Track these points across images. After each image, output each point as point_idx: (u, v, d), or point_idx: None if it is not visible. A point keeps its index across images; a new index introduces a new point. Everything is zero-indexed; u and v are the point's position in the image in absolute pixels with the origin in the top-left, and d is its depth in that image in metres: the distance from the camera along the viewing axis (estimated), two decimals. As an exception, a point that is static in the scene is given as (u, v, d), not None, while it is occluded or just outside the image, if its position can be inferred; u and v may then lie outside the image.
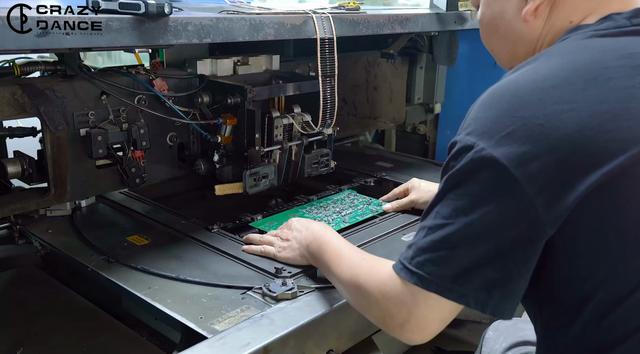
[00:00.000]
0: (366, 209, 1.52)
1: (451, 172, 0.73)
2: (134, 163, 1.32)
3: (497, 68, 1.99)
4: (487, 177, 0.69)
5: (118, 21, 0.99)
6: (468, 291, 0.72)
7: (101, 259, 1.20)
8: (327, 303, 1.04)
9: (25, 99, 1.13)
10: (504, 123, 0.69)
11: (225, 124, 1.36)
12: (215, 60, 1.45)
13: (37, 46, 0.89)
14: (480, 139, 0.70)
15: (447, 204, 0.73)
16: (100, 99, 1.25)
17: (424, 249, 0.74)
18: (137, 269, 1.15)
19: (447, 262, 0.72)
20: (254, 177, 1.39)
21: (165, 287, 1.10)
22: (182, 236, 1.31)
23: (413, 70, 2.14)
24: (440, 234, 0.72)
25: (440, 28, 1.64)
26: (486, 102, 0.74)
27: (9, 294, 1.39)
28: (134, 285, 1.10)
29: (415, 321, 0.77)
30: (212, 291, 1.08)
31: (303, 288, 1.07)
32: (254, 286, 1.08)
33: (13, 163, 1.23)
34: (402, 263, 0.77)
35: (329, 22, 1.32)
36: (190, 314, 1.00)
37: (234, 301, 1.05)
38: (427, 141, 2.29)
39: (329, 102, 1.39)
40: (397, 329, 0.80)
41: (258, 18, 1.20)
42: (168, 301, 1.04)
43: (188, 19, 1.09)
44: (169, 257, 1.21)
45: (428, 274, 0.73)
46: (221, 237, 1.30)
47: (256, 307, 1.03)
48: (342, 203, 1.56)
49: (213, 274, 1.14)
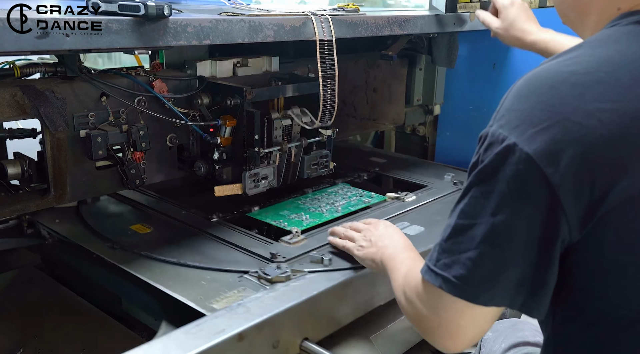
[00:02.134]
0: (359, 200, 1.58)
1: (479, 168, 0.69)
2: (133, 164, 1.32)
3: (496, 69, 2.01)
4: (517, 174, 0.65)
5: (117, 23, 0.99)
6: (495, 294, 0.68)
7: (106, 246, 1.25)
8: (318, 286, 1.09)
9: (25, 100, 1.13)
10: (539, 117, 0.65)
11: (224, 125, 1.36)
12: (215, 62, 1.46)
13: (36, 47, 0.89)
14: (512, 132, 0.65)
15: (472, 203, 0.69)
16: (100, 101, 1.26)
17: (448, 250, 0.71)
18: (140, 255, 1.21)
19: (472, 265, 0.68)
20: (253, 178, 1.40)
21: (167, 271, 1.16)
22: (183, 225, 1.38)
23: (412, 72, 2.14)
24: (466, 235, 0.69)
25: (440, 29, 1.64)
26: (522, 92, 0.69)
27: (10, 295, 1.40)
28: (136, 269, 1.15)
29: (446, 326, 0.73)
30: (210, 275, 1.14)
31: (296, 271, 1.13)
32: (250, 270, 1.14)
33: (13, 164, 1.24)
34: (427, 265, 0.74)
35: (328, 24, 1.33)
36: (190, 294, 1.06)
37: (231, 284, 1.11)
38: (426, 142, 2.29)
39: (328, 103, 1.39)
40: (430, 334, 0.77)
41: (257, 20, 1.21)
42: (169, 283, 1.10)
43: (187, 21, 1.09)
44: (170, 245, 1.26)
45: (454, 277, 0.70)
46: (220, 226, 1.37)
47: (252, 289, 1.09)
48: (335, 195, 1.62)
49: (212, 259, 1.20)
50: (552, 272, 0.69)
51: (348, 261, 1.19)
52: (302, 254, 1.22)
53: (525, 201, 0.65)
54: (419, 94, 2.18)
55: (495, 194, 0.67)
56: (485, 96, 2.06)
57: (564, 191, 0.63)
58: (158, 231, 1.35)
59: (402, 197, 1.59)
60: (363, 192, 1.64)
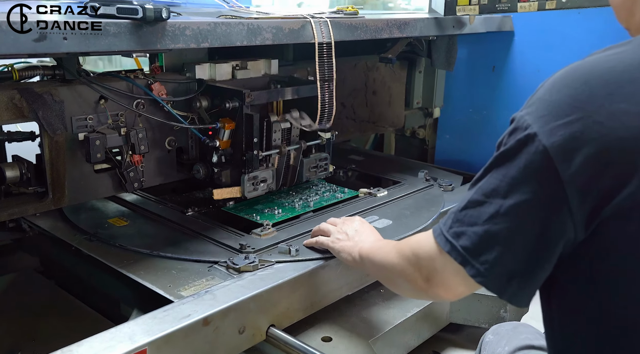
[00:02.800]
0: (332, 196, 1.62)
1: (501, 150, 0.72)
2: (132, 167, 1.32)
3: (495, 72, 2.01)
4: (531, 165, 0.67)
5: (116, 26, 0.99)
6: (489, 274, 0.72)
7: (83, 238, 1.32)
8: (284, 275, 1.14)
9: (24, 103, 1.13)
10: (564, 111, 0.66)
11: (223, 128, 1.36)
12: (214, 65, 1.46)
13: (34, 50, 0.89)
14: (536, 122, 0.67)
15: (489, 182, 0.72)
16: (99, 104, 1.26)
17: (462, 221, 0.75)
18: (115, 246, 1.27)
19: (477, 240, 0.72)
20: (252, 181, 1.40)
21: (140, 261, 1.21)
22: (159, 218, 1.43)
23: (412, 75, 2.14)
24: (477, 210, 0.73)
25: (439, 32, 1.64)
26: (557, 84, 0.70)
27: (8, 298, 1.40)
28: (111, 260, 1.22)
29: (441, 279, 0.80)
30: (181, 265, 1.20)
31: (264, 262, 1.19)
32: (220, 260, 1.20)
33: (12, 167, 1.23)
34: (441, 229, 0.79)
35: (327, 27, 1.33)
36: (160, 283, 1.12)
37: (200, 273, 1.17)
38: (426, 145, 2.29)
39: (327, 106, 1.39)
40: (424, 283, 0.83)
41: (256, 23, 1.21)
42: (141, 272, 1.16)
43: (186, 24, 1.09)
44: (145, 237, 1.33)
45: (461, 247, 0.74)
46: (194, 220, 1.42)
47: (220, 277, 1.14)
48: (309, 191, 1.65)
49: (184, 250, 1.26)
50: (546, 267, 0.71)
51: (315, 252, 1.23)
52: (271, 246, 1.27)
53: (534, 191, 0.67)
54: (419, 97, 2.18)
55: (509, 178, 0.70)
56: (485, 98, 2.05)
57: (573, 188, 0.65)
58: (134, 224, 1.40)
59: (374, 192, 1.62)
60: (337, 188, 1.68)
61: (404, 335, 1.29)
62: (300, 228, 1.37)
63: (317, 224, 1.31)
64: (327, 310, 1.25)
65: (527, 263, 0.71)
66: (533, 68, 1.90)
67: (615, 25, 1.58)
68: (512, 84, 1.95)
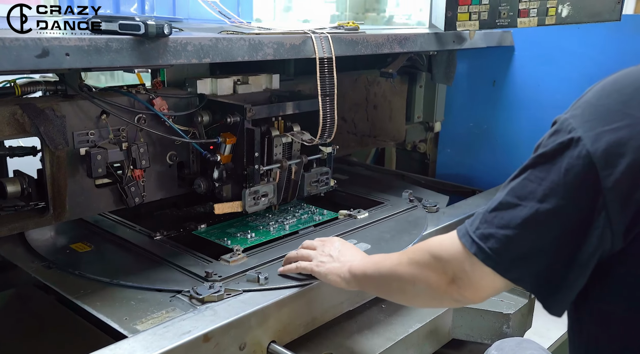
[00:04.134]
0: (309, 218, 1.58)
1: (540, 152, 0.70)
2: (133, 182, 1.32)
3: (496, 87, 2.02)
4: (572, 169, 0.66)
5: (118, 42, 1.00)
6: (523, 275, 0.72)
7: (41, 266, 1.27)
8: (250, 305, 1.07)
9: (25, 118, 1.13)
10: (612, 117, 0.65)
11: (224, 142, 1.36)
12: (215, 80, 1.46)
13: (36, 67, 0.90)
14: (582, 126, 0.66)
15: (524, 184, 0.71)
16: (101, 119, 1.26)
17: (490, 223, 0.73)
18: (75, 275, 1.22)
19: (509, 243, 0.71)
20: (253, 196, 1.39)
21: (98, 291, 1.16)
22: (125, 243, 1.39)
23: (413, 89, 2.15)
24: (509, 213, 0.71)
25: (439, 47, 1.65)
26: (606, 89, 0.69)
27: (8, 314, 1.39)
28: (67, 289, 1.17)
29: (468, 280, 0.78)
30: (142, 294, 1.15)
31: (230, 291, 1.12)
32: (183, 289, 1.14)
33: (13, 182, 1.23)
34: (467, 229, 0.77)
35: (327, 42, 1.33)
36: (116, 315, 1.07)
37: (161, 304, 1.11)
38: (427, 159, 2.29)
39: (328, 121, 1.39)
40: (450, 286, 0.80)
41: (257, 38, 1.21)
42: (97, 303, 1.11)
43: (187, 40, 1.10)
44: (107, 263, 1.29)
45: (489, 249, 0.73)
46: (162, 245, 1.37)
47: (181, 309, 1.09)
48: (286, 213, 1.61)
49: (147, 278, 1.20)
50: (581, 275, 0.70)
51: (286, 279, 1.18)
52: (239, 273, 1.21)
53: (573, 197, 0.66)
54: (420, 111, 2.19)
55: (547, 182, 0.68)
56: (486, 112, 2.06)
57: (613, 196, 0.64)
58: (98, 250, 1.35)
59: (354, 214, 1.58)
60: (315, 210, 1.64)
61: (406, 351, 1.28)
62: (272, 253, 1.31)
63: (291, 248, 1.27)
64: (328, 326, 1.23)
65: (562, 270, 0.69)
66: (533, 82, 1.90)
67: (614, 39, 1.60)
68: (512, 99, 1.96)
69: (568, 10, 1.56)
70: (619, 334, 0.72)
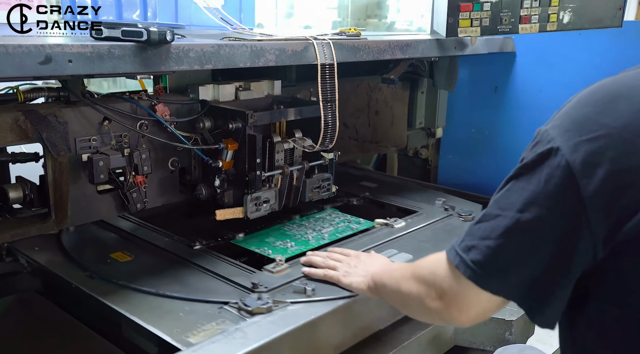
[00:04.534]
0: (346, 227, 1.57)
1: (522, 163, 0.71)
2: (135, 188, 1.32)
3: (497, 93, 2.02)
4: (551, 179, 0.66)
5: (120, 48, 1.00)
6: (505, 287, 0.71)
7: (84, 276, 1.24)
8: (301, 317, 1.06)
9: (28, 125, 1.14)
10: (589, 127, 0.66)
11: (226, 148, 1.36)
12: (217, 86, 1.47)
13: (39, 73, 0.90)
14: (561, 136, 0.67)
15: (506, 195, 0.71)
16: (103, 125, 1.26)
17: (473, 235, 0.74)
18: (118, 285, 1.19)
19: (490, 254, 0.71)
20: (255, 201, 1.39)
21: (144, 302, 1.13)
22: (165, 253, 1.36)
23: (414, 95, 2.15)
24: (491, 224, 0.71)
25: (441, 53, 1.66)
26: (583, 100, 0.70)
27: (9, 320, 1.39)
28: (113, 300, 1.14)
29: (455, 299, 0.77)
30: (189, 306, 1.12)
31: (278, 302, 1.10)
32: (231, 300, 1.11)
33: (15, 188, 1.24)
34: (453, 244, 0.78)
35: (329, 48, 1.34)
36: (166, 327, 1.04)
37: (210, 315, 1.08)
38: (429, 165, 2.29)
39: (329, 126, 1.39)
40: (438, 302, 0.80)
41: (259, 44, 1.22)
42: (145, 314, 1.08)
43: (190, 46, 1.10)
44: (150, 273, 1.25)
45: (471, 261, 0.73)
46: (202, 254, 1.35)
47: (231, 321, 1.06)
48: (322, 221, 1.61)
49: (192, 289, 1.18)
50: (565, 285, 0.70)
51: (332, 290, 1.16)
52: (285, 284, 1.19)
53: (554, 206, 0.67)
54: (421, 117, 2.19)
55: (528, 192, 0.69)
56: (487, 118, 2.06)
57: (593, 205, 0.64)
58: (138, 259, 1.33)
59: (391, 223, 1.56)
60: (351, 219, 1.63)
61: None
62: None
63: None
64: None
65: (544, 281, 0.69)
66: (535, 88, 1.91)
67: (616, 46, 1.60)
68: (514, 105, 1.96)
69: (569, 17, 1.56)
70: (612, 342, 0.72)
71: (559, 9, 1.54)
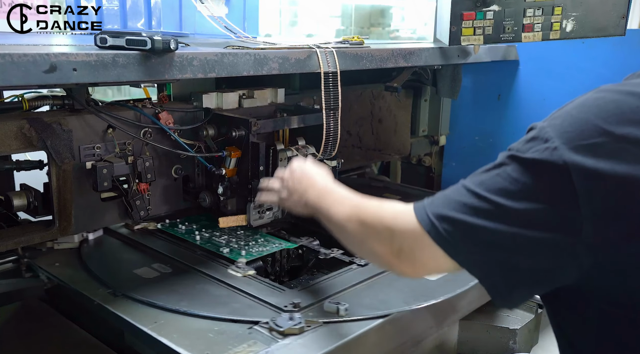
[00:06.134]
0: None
1: (516, 154, 0.70)
2: (138, 196, 1.32)
3: (501, 101, 2.02)
4: (548, 178, 0.66)
5: (125, 57, 1.01)
6: (475, 262, 0.72)
7: (107, 293, 1.19)
8: (334, 339, 1.02)
9: (33, 132, 1.14)
10: (591, 132, 0.65)
11: (229, 156, 1.37)
12: (221, 94, 1.47)
13: (44, 81, 0.91)
14: (560, 136, 0.66)
15: (496, 181, 0.70)
16: (107, 133, 1.27)
17: (451, 207, 0.73)
18: (143, 303, 1.14)
19: (467, 231, 0.71)
20: (258, 209, 1.39)
21: (172, 321, 1.09)
22: (189, 269, 1.31)
23: (417, 103, 2.16)
24: (475, 203, 0.71)
25: (444, 61, 1.66)
26: (587, 103, 0.69)
27: (12, 327, 1.38)
28: (139, 319, 1.09)
29: (413, 257, 0.78)
30: (218, 326, 1.07)
31: (310, 322, 1.06)
32: (261, 320, 1.07)
33: (19, 196, 1.24)
34: (424, 208, 0.77)
35: (332, 57, 1.34)
36: (197, 349, 0.99)
37: (240, 336, 1.03)
38: (432, 172, 2.29)
39: (332, 134, 1.39)
40: (393, 258, 0.81)
41: (263, 53, 1.22)
42: (174, 335, 1.03)
43: (193, 54, 1.11)
44: (175, 291, 1.20)
45: (444, 231, 0.73)
46: (229, 271, 1.30)
47: (263, 342, 1.01)
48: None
49: (220, 308, 1.13)
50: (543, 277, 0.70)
51: (366, 309, 1.12)
52: (316, 302, 1.15)
53: (545, 204, 0.66)
54: (425, 125, 2.19)
55: (519, 184, 0.68)
56: (491, 126, 2.06)
57: (589, 209, 0.64)
58: (163, 276, 1.27)
59: None
60: None
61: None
62: (344, 281, 1.25)
63: (358, 275, 1.25)
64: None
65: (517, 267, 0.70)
66: (538, 97, 1.91)
67: (619, 54, 1.60)
68: (517, 113, 1.96)
69: (572, 25, 1.56)
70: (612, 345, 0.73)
71: (562, 17, 1.55)
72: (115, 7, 1.83)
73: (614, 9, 1.55)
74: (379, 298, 1.18)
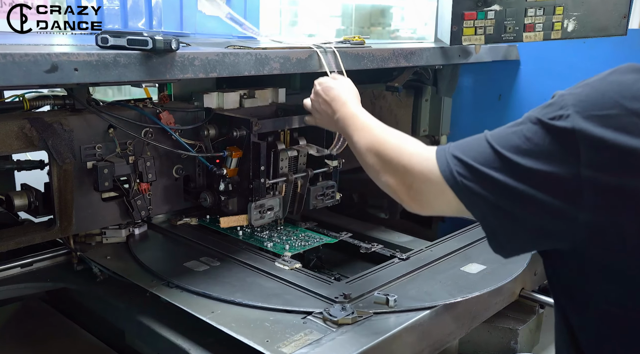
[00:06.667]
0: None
1: (535, 114, 0.74)
2: (139, 195, 1.32)
3: (502, 101, 2.02)
4: (555, 141, 0.69)
5: (126, 57, 1.01)
6: (480, 208, 0.76)
7: (161, 284, 1.20)
8: (385, 328, 1.05)
9: (34, 132, 1.14)
10: (606, 104, 0.68)
11: (230, 156, 1.36)
12: (222, 94, 1.47)
13: (45, 81, 0.91)
14: (576, 105, 0.69)
15: (511, 138, 0.74)
16: (108, 132, 1.27)
17: (469, 154, 0.77)
18: (198, 294, 1.16)
19: (478, 177, 0.75)
20: (259, 209, 1.39)
21: (227, 311, 1.11)
22: (237, 261, 1.33)
23: (418, 103, 2.15)
24: (489, 154, 0.75)
25: (445, 61, 1.66)
26: (610, 77, 0.72)
27: (13, 327, 1.39)
28: (197, 309, 1.11)
29: (422, 196, 0.83)
30: (273, 316, 1.10)
31: (361, 313, 1.09)
32: (314, 310, 1.10)
33: (20, 196, 1.24)
34: (445, 150, 0.81)
35: (333, 56, 1.34)
36: (257, 337, 1.01)
37: (295, 326, 1.06)
38: (433, 172, 2.28)
39: (334, 134, 1.39)
40: (404, 194, 0.86)
41: (264, 52, 1.22)
42: (232, 324, 1.05)
43: (195, 54, 1.11)
44: (228, 283, 1.22)
45: (457, 173, 0.77)
46: (276, 264, 1.32)
47: (318, 331, 1.05)
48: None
49: (273, 299, 1.15)
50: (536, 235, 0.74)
51: (414, 300, 1.15)
52: (366, 294, 1.17)
53: (549, 164, 0.69)
54: (425, 125, 2.19)
55: (531, 143, 0.72)
56: (491, 126, 2.03)
57: (590, 173, 0.66)
58: (212, 269, 1.29)
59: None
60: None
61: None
62: (391, 272, 1.28)
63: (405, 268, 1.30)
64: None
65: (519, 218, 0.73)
66: (539, 96, 1.90)
67: (620, 54, 1.59)
68: (518, 113, 1.95)
69: (574, 25, 1.56)
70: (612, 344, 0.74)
71: (563, 17, 1.55)
72: (116, 7, 1.83)
73: (615, 8, 1.55)
74: (424, 290, 1.21)
